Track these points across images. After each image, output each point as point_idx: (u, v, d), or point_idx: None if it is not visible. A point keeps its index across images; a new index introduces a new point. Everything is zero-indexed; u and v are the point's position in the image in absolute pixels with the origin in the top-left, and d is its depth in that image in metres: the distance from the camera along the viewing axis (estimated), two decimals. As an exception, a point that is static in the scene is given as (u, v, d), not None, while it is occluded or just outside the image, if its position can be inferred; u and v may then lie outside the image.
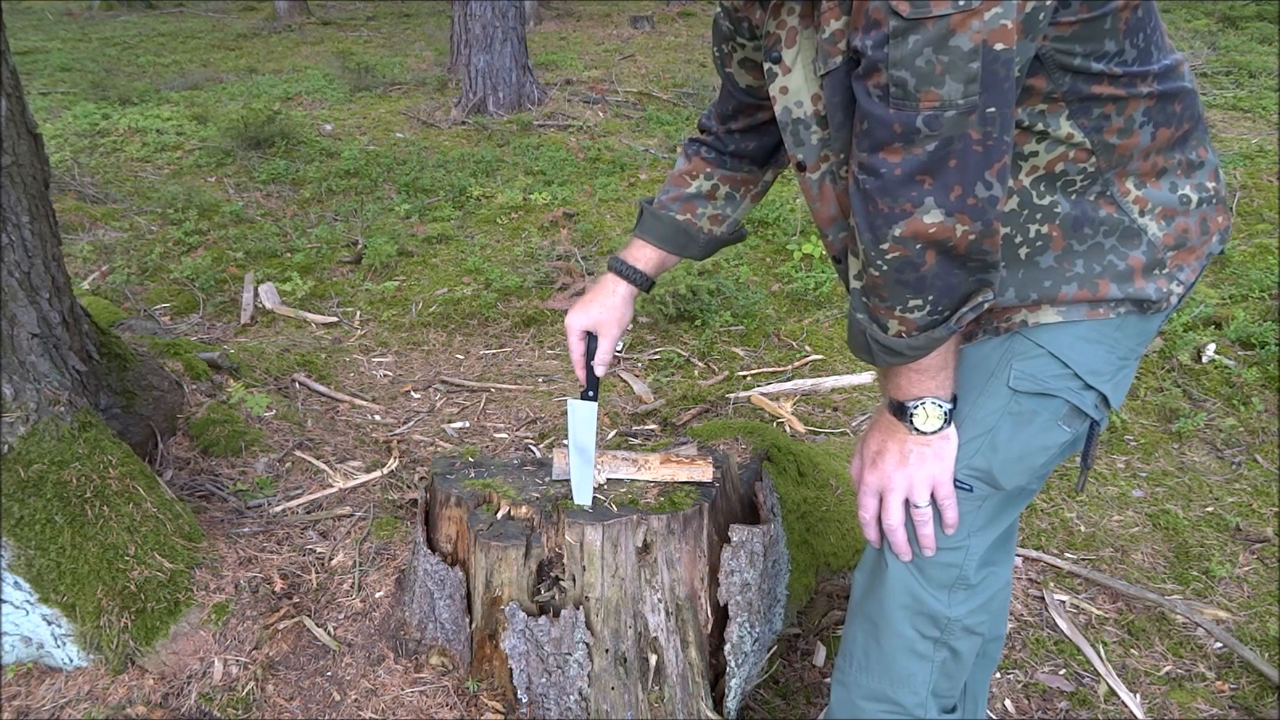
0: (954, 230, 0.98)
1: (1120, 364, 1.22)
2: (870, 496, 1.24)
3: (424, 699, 1.70)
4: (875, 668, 1.34)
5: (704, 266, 3.82)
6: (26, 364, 1.76)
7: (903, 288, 1.03)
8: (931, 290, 1.03)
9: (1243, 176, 4.70)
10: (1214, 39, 7.98)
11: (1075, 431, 1.24)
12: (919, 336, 1.07)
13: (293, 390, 2.87)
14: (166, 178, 5.31)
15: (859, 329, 1.12)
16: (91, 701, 1.68)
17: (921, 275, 1.02)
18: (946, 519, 1.22)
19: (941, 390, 1.15)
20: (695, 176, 1.48)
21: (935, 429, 1.16)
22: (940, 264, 1.01)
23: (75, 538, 1.70)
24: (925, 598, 1.27)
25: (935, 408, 1.15)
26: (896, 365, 1.13)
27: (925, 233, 0.99)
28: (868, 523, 1.26)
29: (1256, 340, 3.12)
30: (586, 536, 1.53)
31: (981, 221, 0.98)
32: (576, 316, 1.51)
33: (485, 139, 6.10)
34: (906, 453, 1.19)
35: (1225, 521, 2.39)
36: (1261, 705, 1.87)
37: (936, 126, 0.95)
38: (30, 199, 1.85)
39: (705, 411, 2.89)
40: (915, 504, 1.21)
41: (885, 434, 1.21)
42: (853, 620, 1.37)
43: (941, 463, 1.19)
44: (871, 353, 1.12)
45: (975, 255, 1.01)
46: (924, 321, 1.05)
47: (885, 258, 1.02)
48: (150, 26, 11.85)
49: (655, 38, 9.87)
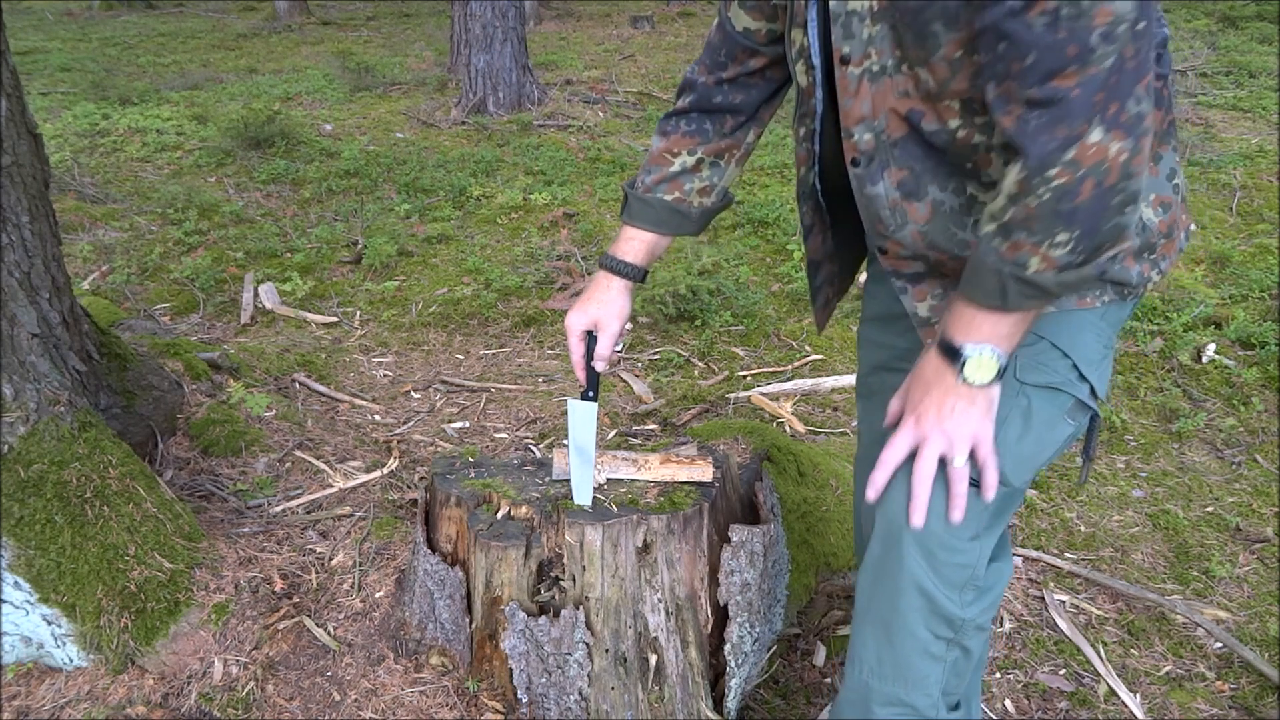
0: (1109, 150, 0.98)
1: (1104, 352, 1.25)
2: (905, 443, 1.19)
3: (424, 699, 1.70)
4: (889, 671, 1.31)
5: (704, 266, 3.82)
6: (26, 364, 1.76)
7: (1056, 219, 1.02)
8: (1080, 225, 1.02)
9: (1243, 176, 4.70)
10: (1214, 39, 7.98)
11: (1079, 425, 1.24)
12: (1068, 273, 1.05)
13: (293, 390, 2.87)
14: (166, 178, 5.31)
15: (990, 269, 1.07)
16: (91, 701, 1.68)
17: (1075, 206, 1.01)
18: (987, 480, 1.18)
19: (1006, 342, 1.11)
20: (676, 154, 1.47)
21: (984, 382, 1.12)
22: (1093, 196, 1.00)
23: (75, 538, 1.70)
24: (940, 599, 1.25)
25: (993, 358, 1.11)
26: (1028, 309, 1.09)
27: (1088, 154, 0.99)
28: (885, 464, 1.20)
29: (1256, 340, 3.12)
30: (586, 536, 1.53)
31: (1133, 138, 0.99)
32: (575, 317, 1.51)
33: (485, 139, 6.10)
34: (949, 406, 1.15)
35: (1225, 521, 2.39)
36: (1261, 705, 1.87)
37: (1112, 41, 0.95)
38: (30, 199, 1.85)
39: (705, 411, 2.89)
40: (953, 461, 1.16)
41: (930, 381, 1.16)
42: (862, 624, 1.34)
43: (985, 420, 1.15)
44: (1005, 294, 1.07)
45: (1123, 181, 1.00)
46: (1064, 260, 1.04)
47: (1050, 185, 1.01)
48: (150, 26, 11.85)
49: (655, 38, 9.87)
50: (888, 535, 1.26)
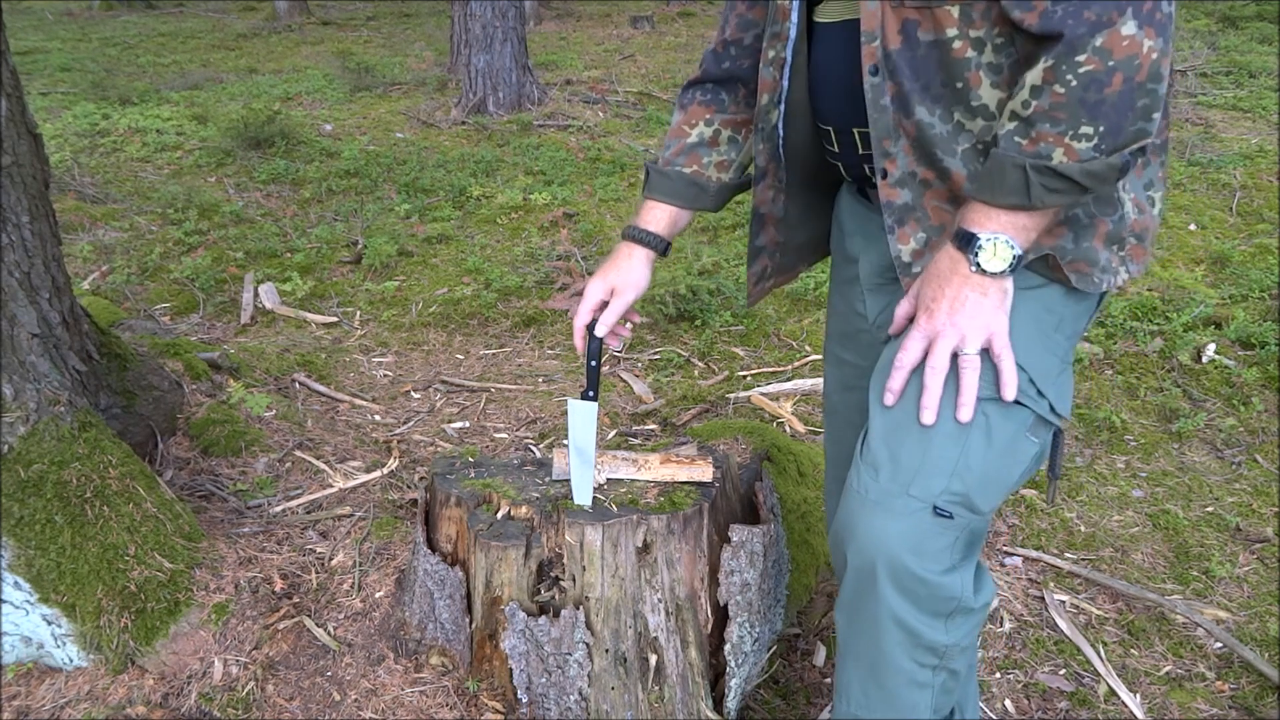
0: (1142, 45, 1.00)
1: (1061, 366, 1.23)
2: (918, 342, 1.17)
3: (424, 699, 1.70)
4: (876, 705, 1.29)
5: (704, 266, 3.82)
6: (26, 364, 1.76)
7: (1082, 108, 1.02)
8: (1105, 120, 1.02)
9: (1243, 176, 4.70)
10: (1214, 39, 7.97)
11: (1042, 443, 1.23)
12: (1094, 163, 1.04)
13: (293, 390, 2.87)
14: (166, 178, 5.31)
15: (1011, 164, 1.06)
16: (91, 701, 1.68)
17: (1103, 97, 1.01)
18: (1004, 377, 1.15)
19: (1023, 235, 1.10)
20: (694, 125, 1.46)
21: (999, 270, 1.11)
22: (1122, 90, 1.01)
23: (75, 538, 1.70)
24: (921, 630, 1.22)
25: (1008, 246, 1.10)
26: (1051, 206, 1.07)
27: (1120, 45, 1.00)
28: (901, 366, 1.18)
29: (1256, 340, 3.12)
30: (586, 536, 1.53)
31: (1163, 38, 1.00)
32: (595, 284, 1.48)
33: (485, 139, 6.10)
34: (962, 298, 1.13)
35: (1225, 521, 2.39)
36: (1261, 705, 1.87)
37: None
38: (30, 199, 1.85)
39: (705, 411, 2.89)
40: (964, 351, 1.14)
41: (943, 276, 1.15)
42: (844, 662, 1.32)
43: (999, 312, 1.14)
44: (1029, 188, 1.06)
45: (1152, 81, 1.01)
46: (1087, 154, 1.04)
47: (1078, 70, 1.01)
48: (150, 26, 11.85)
49: (655, 38, 9.87)
50: (861, 570, 1.22)
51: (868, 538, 1.20)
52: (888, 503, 1.18)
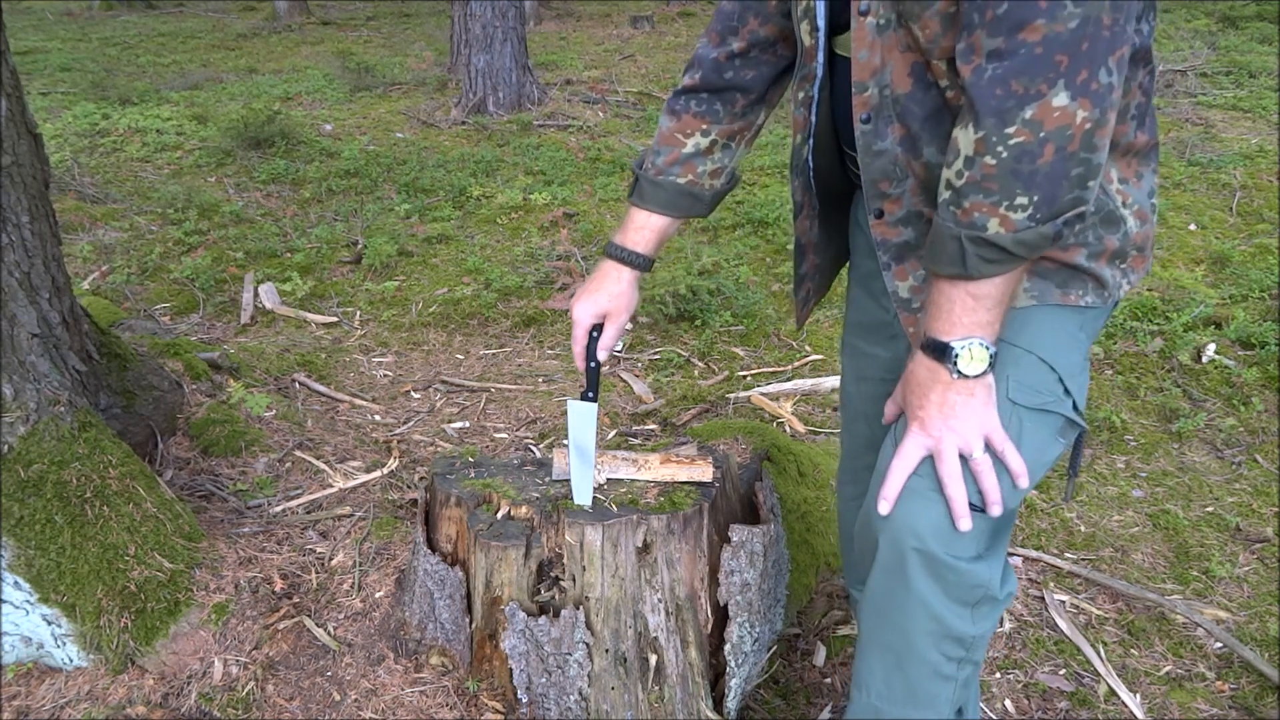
0: (1074, 117, 0.99)
1: (1083, 364, 1.24)
2: (915, 450, 1.18)
3: (424, 699, 1.70)
4: (899, 695, 1.29)
5: (704, 266, 3.82)
6: (26, 364, 1.76)
7: (1015, 179, 1.02)
8: (1039, 189, 1.02)
9: (1243, 176, 4.70)
10: (1214, 39, 7.97)
11: (1068, 443, 1.24)
12: (1027, 233, 1.04)
13: (293, 390, 2.87)
14: (166, 178, 5.31)
15: (949, 235, 1.07)
16: (91, 701, 1.68)
17: (1036, 168, 1.01)
18: (1012, 468, 1.17)
19: (989, 330, 1.11)
20: (689, 134, 1.45)
21: (979, 372, 1.12)
22: (1055, 160, 1.00)
23: (75, 538, 1.70)
24: (949, 619, 1.22)
25: (981, 348, 1.11)
26: (989, 275, 1.08)
27: (1050, 117, 0.99)
28: (896, 472, 1.19)
29: (1256, 340, 3.12)
30: (586, 536, 1.53)
31: (1099, 109, 0.99)
32: (584, 308, 1.49)
33: (485, 139, 6.10)
34: (950, 404, 1.14)
35: (1225, 521, 2.39)
36: (1261, 705, 1.87)
37: (1081, 1, 0.96)
38: (30, 199, 1.85)
39: (705, 411, 2.89)
40: (972, 456, 1.15)
41: (925, 384, 1.16)
42: (867, 652, 1.32)
43: (989, 409, 1.15)
44: (965, 259, 1.06)
45: (1085, 151, 1.01)
46: (1023, 224, 1.04)
47: (1008, 143, 1.00)
48: (150, 26, 11.85)
49: (655, 38, 9.88)
50: (892, 558, 1.23)
51: (902, 524, 1.21)
52: (922, 490, 1.19)
